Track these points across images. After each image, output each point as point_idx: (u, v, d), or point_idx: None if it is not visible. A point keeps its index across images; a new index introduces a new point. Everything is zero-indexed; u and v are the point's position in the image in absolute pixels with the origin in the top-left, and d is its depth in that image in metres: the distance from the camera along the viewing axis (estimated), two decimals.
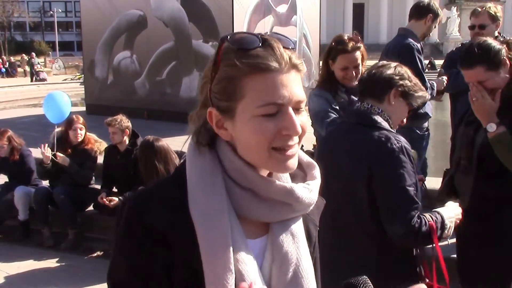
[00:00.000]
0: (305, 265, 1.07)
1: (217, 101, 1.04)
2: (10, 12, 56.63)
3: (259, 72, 0.99)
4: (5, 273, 4.65)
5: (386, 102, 2.17)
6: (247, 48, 1.00)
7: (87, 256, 5.12)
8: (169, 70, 10.68)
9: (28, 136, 6.58)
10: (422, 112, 4.30)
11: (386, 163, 2.06)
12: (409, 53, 4.15)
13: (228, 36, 1.02)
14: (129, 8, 11.20)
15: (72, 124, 5.49)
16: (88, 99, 12.31)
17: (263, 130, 1.00)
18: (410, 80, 2.23)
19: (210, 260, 0.99)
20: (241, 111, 1.01)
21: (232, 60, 1.00)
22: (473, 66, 2.46)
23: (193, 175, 1.06)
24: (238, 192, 1.05)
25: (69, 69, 37.06)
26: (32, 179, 5.72)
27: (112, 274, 1.14)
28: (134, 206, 1.07)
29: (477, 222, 2.55)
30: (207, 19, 9.94)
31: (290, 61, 1.01)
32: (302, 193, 1.08)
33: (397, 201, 2.05)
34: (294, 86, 1.01)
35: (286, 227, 1.09)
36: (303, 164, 1.16)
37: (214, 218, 1.01)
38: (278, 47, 1.01)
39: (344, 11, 57.69)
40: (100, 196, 5.28)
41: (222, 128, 1.05)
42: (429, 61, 28.17)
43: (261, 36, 1.02)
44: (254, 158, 1.04)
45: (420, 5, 4.39)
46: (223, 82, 1.02)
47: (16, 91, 23.54)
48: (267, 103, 0.99)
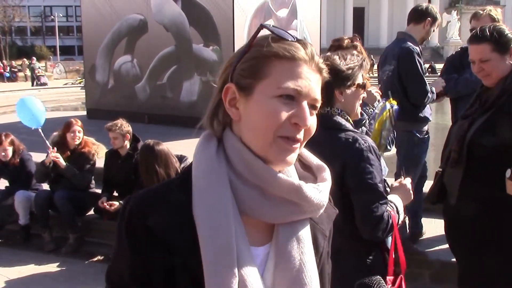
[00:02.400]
0: (309, 271, 1.05)
1: (239, 77, 1.06)
2: (11, 17, 56.72)
3: (289, 59, 1.04)
4: (6, 277, 4.64)
5: (338, 103, 2.23)
6: (284, 38, 1.05)
7: (88, 261, 5.11)
8: (170, 74, 10.69)
9: (29, 141, 6.56)
10: (422, 116, 4.30)
11: (356, 163, 2.13)
12: (409, 56, 4.16)
13: (267, 25, 1.07)
14: (129, 12, 11.23)
15: (70, 127, 5.49)
16: (89, 104, 12.32)
17: (276, 112, 1.01)
18: (344, 70, 2.19)
19: (213, 264, 0.98)
20: (260, 90, 1.03)
21: (267, 42, 1.05)
22: (480, 41, 2.47)
23: (199, 175, 1.05)
24: (244, 190, 1.03)
25: (70, 74, 37.13)
26: (33, 184, 5.72)
27: (112, 274, 1.13)
28: (137, 206, 1.05)
29: (468, 223, 2.54)
30: (208, 23, 9.95)
31: (317, 63, 1.07)
32: (310, 192, 1.06)
33: (368, 198, 2.13)
34: (315, 84, 1.06)
35: (292, 230, 1.07)
36: (313, 167, 1.15)
37: (218, 221, 1.00)
38: (310, 47, 1.07)
39: (345, 14, 57.76)
40: (101, 201, 5.29)
41: (234, 106, 1.06)
42: (429, 65, 28.22)
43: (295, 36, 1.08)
44: (257, 144, 1.04)
45: (418, 9, 4.40)
46: (251, 60, 1.05)
47: (17, 95, 23.49)
48: (287, 87, 1.02)
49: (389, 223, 2.13)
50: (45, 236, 5.38)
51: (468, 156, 2.49)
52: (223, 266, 0.98)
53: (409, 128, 4.24)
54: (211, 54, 9.99)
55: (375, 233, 2.12)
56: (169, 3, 10.51)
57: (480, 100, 2.62)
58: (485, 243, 2.52)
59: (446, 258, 3.73)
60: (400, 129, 3.78)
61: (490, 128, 2.45)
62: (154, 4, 10.75)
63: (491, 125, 2.45)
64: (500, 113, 2.43)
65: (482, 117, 2.49)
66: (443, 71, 4.58)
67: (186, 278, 1.01)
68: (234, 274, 0.98)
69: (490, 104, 2.50)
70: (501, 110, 2.43)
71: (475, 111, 2.56)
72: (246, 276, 0.99)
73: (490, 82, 2.57)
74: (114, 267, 1.12)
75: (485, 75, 2.56)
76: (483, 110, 2.52)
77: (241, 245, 1.00)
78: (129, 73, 11.41)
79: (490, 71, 2.51)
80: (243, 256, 1.00)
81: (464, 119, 2.63)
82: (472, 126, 2.52)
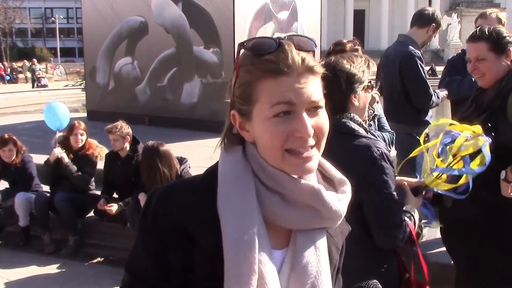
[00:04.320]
0: (324, 279, 1.06)
1: (237, 104, 1.08)
2: (12, 19, 56.81)
3: (271, 76, 1.02)
4: (6, 279, 4.64)
5: (352, 107, 2.16)
6: (260, 54, 1.03)
7: (88, 262, 5.10)
8: (170, 76, 10.69)
9: (29, 142, 6.58)
10: (423, 119, 4.31)
11: (370, 172, 2.06)
12: (411, 61, 4.16)
13: (245, 42, 1.06)
14: (130, 14, 11.23)
15: (74, 129, 5.52)
16: (89, 105, 12.32)
17: (276, 132, 1.02)
18: (356, 74, 2.14)
19: (235, 260, 0.99)
20: (257, 114, 1.04)
21: (247, 66, 1.05)
22: (478, 40, 2.48)
23: (226, 174, 1.08)
24: (265, 194, 1.05)
25: (71, 75, 37.13)
26: (33, 185, 5.72)
27: (132, 264, 1.13)
28: (163, 200, 1.07)
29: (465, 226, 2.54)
30: (208, 25, 9.96)
31: (303, 64, 1.03)
32: (329, 197, 1.07)
33: (385, 208, 2.07)
34: (307, 87, 1.02)
35: (310, 237, 1.08)
36: (334, 181, 1.16)
37: (243, 221, 1.02)
38: (290, 51, 1.03)
39: (345, 17, 57.80)
40: (100, 203, 5.29)
41: (245, 129, 1.08)
42: (430, 67, 28.23)
43: (278, 40, 1.04)
44: (271, 160, 1.05)
45: (424, 13, 4.37)
46: (242, 86, 1.06)
47: (17, 97, 23.55)
48: (277, 103, 1.01)
49: (407, 230, 2.08)
50: (45, 238, 5.38)
51: None
52: (247, 259, 0.99)
53: (409, 131, 4.24)
54: (212, 56, 9.99)
55: (393, 240, 2.07)
56: (170, 5, 10.52)
57: (476, 102, 2.62)
58: (483, 245, 2.52)
59: (445, 260, 3.72)
60: (400, 132, 3.79)
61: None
62: (154, 6, 10.76)
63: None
64: (495, 115, 2.43)
65: (478, 119, 2.49)
66: (444, 73, 4.58)
67: (205, 273, 1.03)
68: (254, 270, 0.99)
69: (485, 106, 2.50)
70: (497, 112, 2.44)
71: (471, 113, 2.57)
72: (265, 274, 1.01)
73: (484, 83, 2.58)
74: (135, 256, 1.13)
75: (479, 75, 2.56)
76: (479, 112, 2.52)
77: (263, 244, 1.02)
78: (130, 75, 11.41)
79: (484, 71, 2.51)
80: (264, 256, 1.02)
81: (462, 121, 2.63)
82: None
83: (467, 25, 9.21)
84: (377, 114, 3.22)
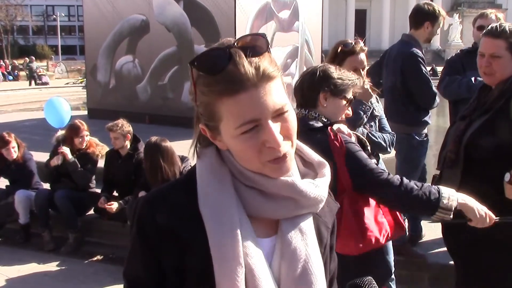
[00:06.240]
0: (314, 262, 1.09)
1: (204, 120, 1.07)
2: (13, 16, 56.77)
3: (227, 96, 0.98)
4: (6, 276, 4.65)
5: (320, 107, 2.24)
6: (212, 73, 0.99)
7: (88, 260, 5.11)
8: (171, 75, 10.69)
9: (30, 140, 6.58)
10: (422, 120, 4.31)
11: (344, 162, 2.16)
12: (413, 62, 4.17)
13: (194, 61, 1.01)
14: (131, 12, 11.23)
15: (78, 131, 5.51)
16: (90, 103, 12.32)
17: (247, 147, 1.02)
18: (335, 78, 2.25)
19: (220, 254, 1.01)
20: (224, 131, 1.04)
21: (202, 87, 1.02)
22: (498, 37, 2.44)
23: (203, 174, 1.09)
24: (244, 190, 1.07)
25: (72, 73, 37.15)
26: (33, 183, 5.73)
27: (127, 272, 1.16)
28: (146, 206, 1.10)
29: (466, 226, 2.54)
30: (210, 24, 9.96)
31: (257, 74, 0.98)
32: (306, 187, 1.09)
33: (368, 174, 2.17)
34: (268, 97, 0.99)
35: (295, 224, 1.10)
36: (314, 163, 1.18)
37: (223, 213, 1.03)
38: (242, 63, 0.98)
39: (346, 17, 57.75)
40: (100, 201, 5.30)
41: (217, 140, 1.08)
42: (431, 67, 28.22)
43: (228, 50, 0.99)
44: (250, 167, 1.06)
45: (416, 13, 4.34)
46: (202, 105, 1.04)
47: (18, 94, 23.58)
48: (243, 123, 0.99)
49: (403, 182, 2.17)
50: (45, 235, 5.38)
51: (466, 158, 2.48)
52: (229, 256, 1.01)
53: (408, 131, 4.25)
54: None
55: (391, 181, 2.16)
56: (171, 4, 10.51)
57: (478, 101, 2.60)
58: (483, 245, 2.51)
59: (446, 261, 3.72)
60: (399, 131, 3.79)
61: (489, 129, 2.43)
62: (156, 5, 10.76)
63: (490, 127, 2.43)
64: (498, 115, 2.42)
65: (480, 118, 2.47)
66: (443, 73, 4.57)
67: (197, 272, 1.04)
68: (240, 263, 1.01)
69: (488, 105, 2.48)
70: (500, 112, 2.42)
71: (473, 112, 2.55)
72: (253, 266, 1.02)
73: (492, 81, 2.54)
74: (129, 264, 1.16)
75: (489, 72, 2.52)
76: (482, 112, 2.50)
77: (247, 236, 1.04)
78: (131, 73, 11.41)
79: (496, 69, 2.47)
80: (250, 247, 1.03)
81: (461, 120, 2.62)
82: (469, 127, 2.51)
83: (469, 26, 9.28)
84: (378, 115, 3.21)
